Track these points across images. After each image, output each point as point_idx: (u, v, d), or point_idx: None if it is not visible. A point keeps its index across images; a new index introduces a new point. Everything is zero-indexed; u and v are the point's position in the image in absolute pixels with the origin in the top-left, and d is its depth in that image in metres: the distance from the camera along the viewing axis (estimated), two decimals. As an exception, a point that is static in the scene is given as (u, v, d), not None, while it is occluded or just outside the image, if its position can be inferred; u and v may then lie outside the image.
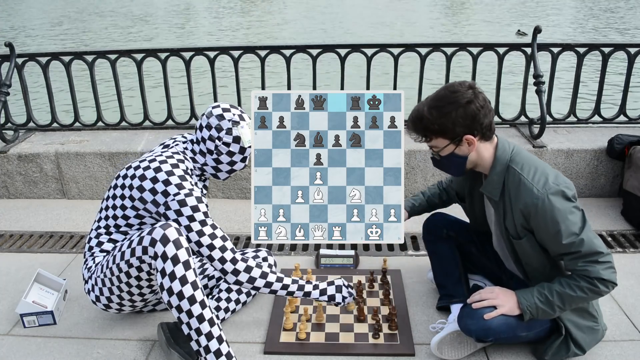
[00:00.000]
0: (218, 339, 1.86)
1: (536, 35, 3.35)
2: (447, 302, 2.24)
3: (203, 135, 2.09)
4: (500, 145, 1.92)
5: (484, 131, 1.86)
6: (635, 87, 4.84)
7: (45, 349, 2.13)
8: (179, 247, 1.83)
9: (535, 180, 1.81)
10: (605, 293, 1.80)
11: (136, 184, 2.00)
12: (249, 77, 5.83)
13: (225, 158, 2.11)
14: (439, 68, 4.53)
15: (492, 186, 1.92)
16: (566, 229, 1.75)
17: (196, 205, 1.95)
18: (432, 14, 18.23)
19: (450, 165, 1.96)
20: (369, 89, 3.51)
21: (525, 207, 1.80)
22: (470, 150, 1.89)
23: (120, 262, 1.93)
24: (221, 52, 3.54)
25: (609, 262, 1.78)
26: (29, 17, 19.07)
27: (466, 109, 1.81)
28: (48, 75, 3.63)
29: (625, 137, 3.20)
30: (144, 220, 2.05)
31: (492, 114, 1.88)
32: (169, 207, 1.95)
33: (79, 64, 3.59)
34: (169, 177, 1.97)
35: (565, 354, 1.93)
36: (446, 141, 1.88)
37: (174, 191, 1.95)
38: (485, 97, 1.86)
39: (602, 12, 17.33)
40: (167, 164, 2.00)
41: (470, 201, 2.18)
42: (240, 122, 2.08)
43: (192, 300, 1.82)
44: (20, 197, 3.57)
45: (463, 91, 1.83)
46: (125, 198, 2.04)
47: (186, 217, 1.94)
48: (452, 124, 1.83)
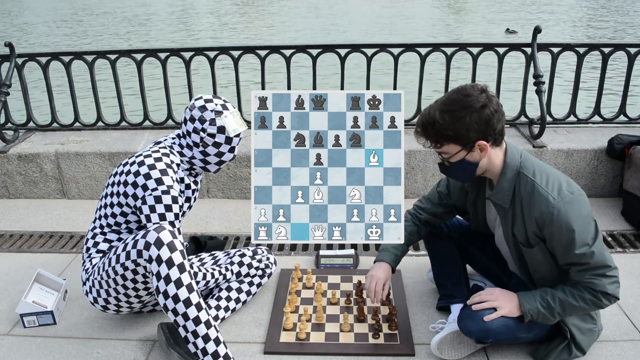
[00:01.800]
0: (215, 340, 1.86)
1: (536, 35, 3.35)
2: (447, 302, 2.24)
3: (188, 129, 2.08)
4: (509, 151, 1.86)
5: (497, 136, 1.79)
6: (635, 87, 4.84)
7: (45, 349, 2.13)
8: (173, 250, 1.83)
9: (549, 187, 1.76)
10: (606, 306, 1.81)
11: (122, 179, 2.03)
12: (249, 76, 5.82)
13: (212, 150, 2.10)
14: (438, 69, 4.53)
15: (502, 193, 1.85)
16: (580, 239, 1.73)
17: (170, 205, 1.98)
18: (433, 13, 18.23)
19: (460, 171, 1.88)
20: (369, 89, 3.51)
21: (541, 215, 1.76)
22: (482, 157, 1.81)
23: (116, 265, 1.94)
24: (221, 52, 3.54)
25: (615, 277, 1.77)
26: (30, 16, 19.06)
27: (480, 113, 1.73)
28: (48, 75, 3.63)
29: (625, 137, 3.20)
30: (128, 217, 2.06)
31: (504, 118, 1.80)
32: (145, 202, 1.97)
33: (79, 64, 3.59)
34: (150, 171, 1.98)
35: (568, 357, 1.93)
36: (458, 147, 1.79)
37: (152, 186, 1.97)
38: (498, 100, 1.79)
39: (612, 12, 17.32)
40: (151, 158, 2.02)
41: (474, 209, 2.12)
42: (224, 111, 2.07)
43: (188, 303, 1.82)
44: (20, 197, 3.57)
45: (476, 95, 1.75)
46: (113, 195, 2.06)
47: (158, 214, 1.97)
48: (466, 129, 1.74)
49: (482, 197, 2.06)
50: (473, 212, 2.14)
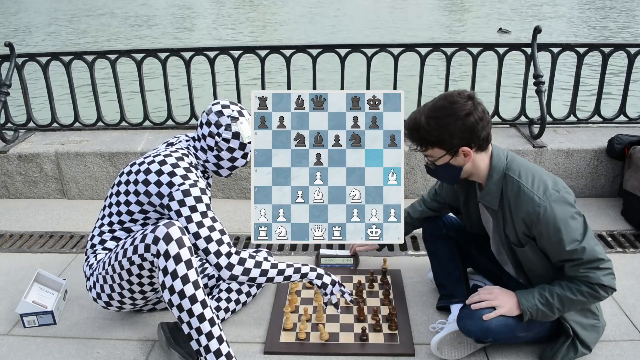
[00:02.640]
0: (218, 338, 1.86)
1: (536, 35, 3.35)
2: (447, 302, 2.24)
3: (203, 132, 2.11)
4: (495, 154, 1.90)
5: (481, 143, 1.84)
6: (635, 87, 4.84)
7: (45, 349, 2.13)
8: (181, 245, 1.83)
9: (535, 187, 1.80)
10: (604, 298, 1.81)
11: (141, 178, 2.02)
12: (249, 75, 5.82)
13: (226, 154, 2.12)
14: (440, 71, 4.52)
15: (491, 196, 1.90)
16: (568, 236, 1.75)
17: (200, 196, 1.97)
18: (434, 14, 18.23)
19: (445, 174, 1.95)
20: (369, 89, 3.51)
21: (528, 215, 1.79)
22: (466, 161, 1.87)
23: (122, 259, 1.93)
24: (221, 52, 3.54)
25: (609, 269, 1.78)
26: (30, 17, 19.06)
27: (465, 121, 1.77)
28: (48, 75, 3.63)
29: (625, 137, 3.20)
30: (148, 215, 2.06)
31: (490, 125, 1.85)
32: (172, 198, 1.96)
33: (79, 64, 3.59)
34: (174, 169, 1.99)
35: (574, 355, 1.93)
36: (442, 151, 1.85)
37: (178, 182, 1.97)
38: (485, 108, 1.82)
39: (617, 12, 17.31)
40: (172, 157, 2.04)
41: (466, 211, 2.18)
42: (240, 117, 2.10)
43: (193, 300, 1.82)
44: (20, 197, 3.57)
45: (462, 102, 1.78)
46: (129, 193, 2.05)
47: (188, 207, 1.95)
48: (449, 135, 1.80)
49: (473, 200, 2.10)
50: (466, 213, 2.19)
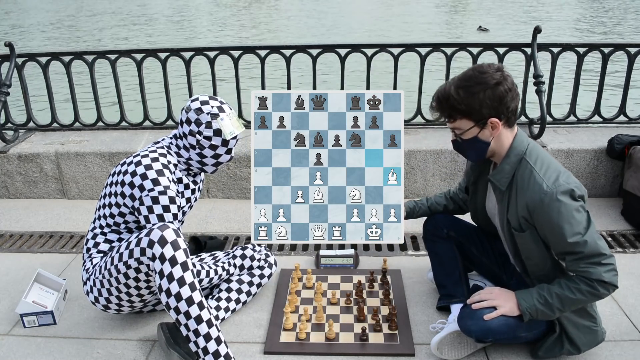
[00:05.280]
0: (216, 340, 1.86)
1: (536, 35, 3.35)
2: (447, 302, 2.24)
3: (184, 131, 2.08)
4: (519, 137, 1.90)
5: (510, 115, 1.84)
6: (635, 87, 4.84)
7: (45, 349, 2.13)
8: (177, 248, 1.83)
9: (546, 176, 1.79)
10: (604, 296, 1.80)
11: (120, 179, 2.03)
12: (248, 75, 5.82)
13: (209, 152, 2.10)
14: (439, 71, 4.53)
15: (502, 175, 1.89)
16: (571, 228, 1.74)
17: (167, 205, 1.98)
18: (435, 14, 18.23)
19: (472, 149, 1.93)
20: (369, 89, 3.51)
21: (532, 200, 1.79)
22: (493, 135, 1.85)
23: (119, 263, 1.94)
24: (221, 52, 3.54)
25: (611, 265, 1.77)
26: (30, 17, 19.06)
27: (494, 90, 1.78)
28: (48, 75, 3.63)
29: (625, 137, 3.20)
30: (126, 218, 2.06)
31: (519, 98, 1.85)
32: (142, 202, 1.97)
33: (79, 64, 3.59)
34: (147, 172, 1.99)
35: (559, 351, 1.93)
36: (471, 123, 1.84)
37: (149, 186, 1.97)
38: (513, 80, 1.84)
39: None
40: (147, 158, 2.03)
41: (474, 190, 2.16)
42: (220, 114, 2.05)
43: (190, 302, 1.82)
44: (20, 197, 3.57)
45: (492, 72, 1.80)
46: (112, 195, 2.07)
47: (156, 215, 1.97)
48: (479, 105, 1.80)
49: (484, 179, 2.08)
50: (473, 194, 2.17)
